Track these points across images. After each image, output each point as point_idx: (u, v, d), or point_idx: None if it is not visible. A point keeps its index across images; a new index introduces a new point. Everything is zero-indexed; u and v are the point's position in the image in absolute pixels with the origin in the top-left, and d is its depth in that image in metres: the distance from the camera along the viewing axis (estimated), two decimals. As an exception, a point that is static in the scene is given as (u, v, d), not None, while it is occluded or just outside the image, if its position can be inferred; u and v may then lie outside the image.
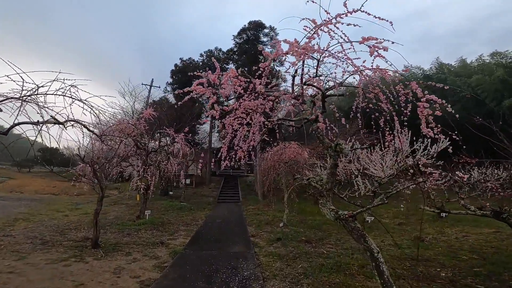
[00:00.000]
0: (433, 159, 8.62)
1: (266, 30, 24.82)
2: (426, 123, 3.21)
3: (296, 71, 3.65)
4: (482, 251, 6.54)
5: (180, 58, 27.85)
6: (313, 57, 3.41)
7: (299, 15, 3.15)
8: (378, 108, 4.02)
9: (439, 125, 3.17)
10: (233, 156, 4.68)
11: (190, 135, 22.49)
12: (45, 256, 5.52)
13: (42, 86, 3.70)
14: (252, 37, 24.62)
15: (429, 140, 7.74)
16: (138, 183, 9.01)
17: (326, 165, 11.89)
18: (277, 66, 20.70)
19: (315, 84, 3.96)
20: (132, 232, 7.93)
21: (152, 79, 24.67)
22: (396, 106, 3.90)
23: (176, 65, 27.47)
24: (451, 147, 3.91)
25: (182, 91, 3.64)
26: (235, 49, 25.92)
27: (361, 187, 8.74)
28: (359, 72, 3.44)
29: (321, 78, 3.92)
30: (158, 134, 12.20)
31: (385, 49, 2.96)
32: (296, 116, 5.01)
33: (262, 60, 3.79)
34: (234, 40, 25.73)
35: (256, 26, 24.68)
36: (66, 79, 3.87)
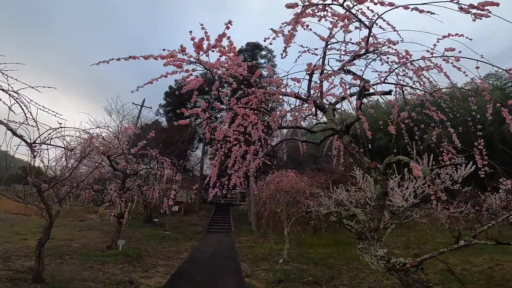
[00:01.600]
0: (459, 185, 7.57)
1: (263, 52, 24.91)
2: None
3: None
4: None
5: (175, 80, 27.38)
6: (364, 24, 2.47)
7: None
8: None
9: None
10: (225, 182, 3.52)
11: (181, 161, 20.95)
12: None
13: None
14: (249, 58, 24.70)
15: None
16: (106, 210, 7.54)
17: (331, 194, 10.62)
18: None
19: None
20: (96, 265, 6.27)
21: (144, 99, 23.34)
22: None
23: (170, 87, 26.82)
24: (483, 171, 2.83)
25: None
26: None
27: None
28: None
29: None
30: (139, 158, 10.81)
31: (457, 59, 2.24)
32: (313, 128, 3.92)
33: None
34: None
35: (254, 48, 24.84)
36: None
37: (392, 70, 2.89)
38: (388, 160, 2.37)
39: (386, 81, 2.88)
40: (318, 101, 3.30)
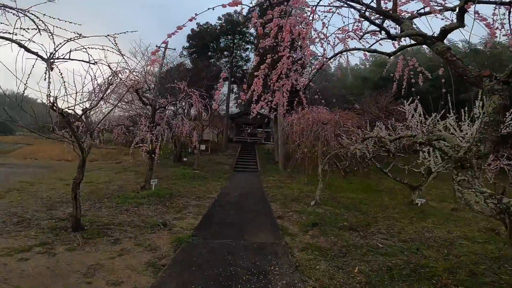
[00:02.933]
0: None
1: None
2: None
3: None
4: None
5: (197, 23, 25.48)
6: None
7: None
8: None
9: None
10: (269, 98, 2.92)
11: (207, 99, 20.29)
12: (6, 244, 4.09)
13: None
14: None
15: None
16: (138, 146, 7.26)
17: (369, 132, 9.54)
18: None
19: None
20: (131, 208, 6.46)
21: (167, 41, 21.94)
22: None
23: (192, 30, 25.51)
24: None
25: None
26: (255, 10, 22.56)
27: (430, 160, 6.56)
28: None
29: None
30: (167, 93, 10.21)
31: None
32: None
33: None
34: (256, -1, 22.17)
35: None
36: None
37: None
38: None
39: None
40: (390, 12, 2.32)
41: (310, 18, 2.77)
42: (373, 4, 2.56)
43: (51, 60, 3.60)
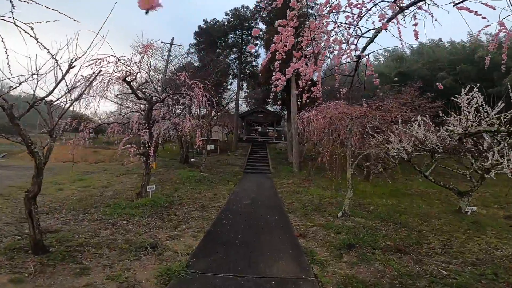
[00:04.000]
0: None
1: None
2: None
3: None
4: None
5: (204, 20, 24.89)
6: None
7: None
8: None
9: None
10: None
11: (214, 92, 19.12)
12: None
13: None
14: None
15: None
16: (126, 147, 6.06)
17: (404, 130, 8.01)
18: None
19: None
20: (120, 221, 5.30)
21: (173, 37, 21.12)
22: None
23: (199, 27, 24.97)
24: None
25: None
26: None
27: (503, 163, 5.03)
28: None
29: None
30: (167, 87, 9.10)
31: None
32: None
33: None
34: (263, -8, 20.94)
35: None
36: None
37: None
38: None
39: None
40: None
41: None
42: None
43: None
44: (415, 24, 2.15)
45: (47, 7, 2.42)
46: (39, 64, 3.44)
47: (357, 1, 2.29)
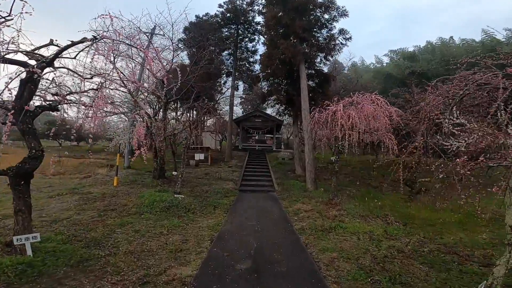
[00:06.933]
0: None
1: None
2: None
3: None
4: None
5: (196, 16, 22.12)
6: None
7: None
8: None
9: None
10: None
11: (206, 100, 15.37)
12: None
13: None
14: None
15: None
16: None
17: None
18: None
19: None
20: None
21: (155, 25, 16.05)
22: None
23: (191, 22, 21.82)
24: None
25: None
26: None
27: None
28: None
29: None
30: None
31: None
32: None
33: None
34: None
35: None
36: None
37: None
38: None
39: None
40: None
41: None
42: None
43: None
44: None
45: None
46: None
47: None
